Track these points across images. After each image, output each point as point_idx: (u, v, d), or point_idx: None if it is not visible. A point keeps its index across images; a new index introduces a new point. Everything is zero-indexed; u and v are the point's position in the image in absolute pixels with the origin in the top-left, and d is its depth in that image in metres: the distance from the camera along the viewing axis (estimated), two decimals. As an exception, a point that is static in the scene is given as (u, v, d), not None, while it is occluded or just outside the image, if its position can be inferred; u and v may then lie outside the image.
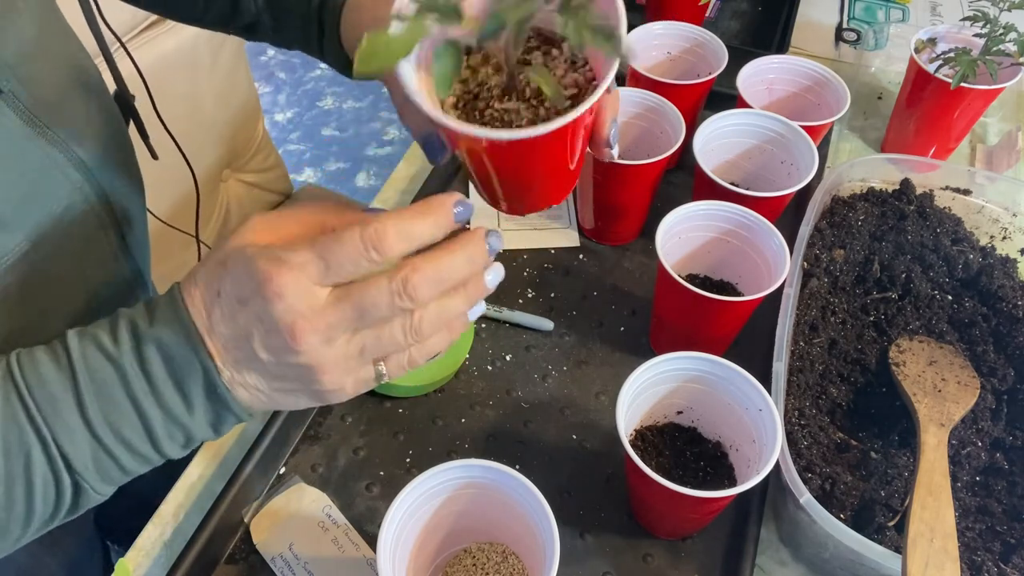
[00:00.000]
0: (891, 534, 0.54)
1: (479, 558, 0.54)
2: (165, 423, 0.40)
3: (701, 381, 0.58)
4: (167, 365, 0.39)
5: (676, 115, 0.73)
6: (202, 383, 0.39)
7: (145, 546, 0.59)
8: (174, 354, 0.39)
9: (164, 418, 0.39)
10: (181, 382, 0.39)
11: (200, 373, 0.39)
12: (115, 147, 0.57)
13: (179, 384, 0.39)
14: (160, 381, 0.39)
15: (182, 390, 0.39)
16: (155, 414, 0.39)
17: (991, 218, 0.74)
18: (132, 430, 0.39)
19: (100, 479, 0.40)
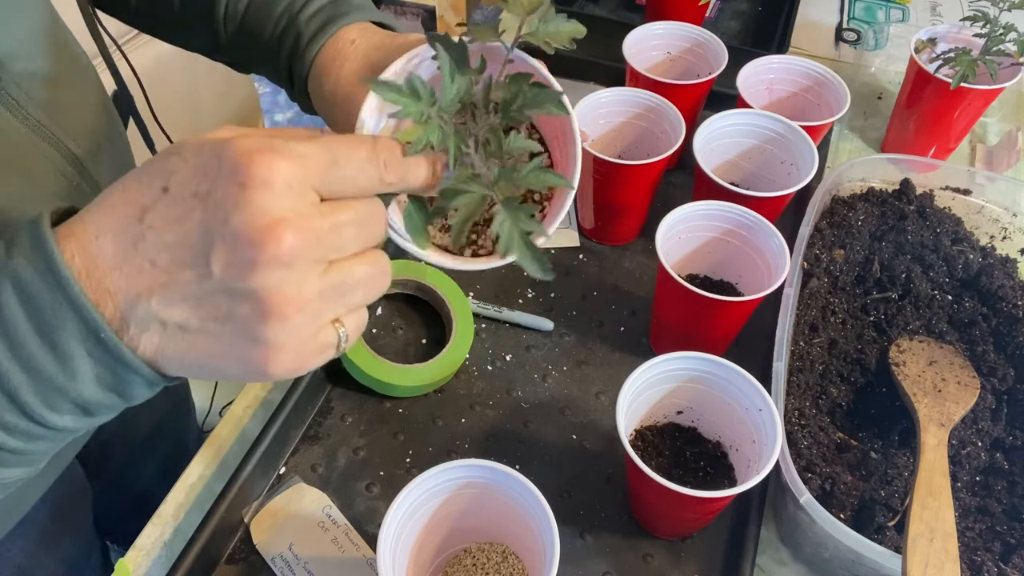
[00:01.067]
0: (891, 534, 0.54)
1: (479, 558, 0.54)
2: (34, 387, 0.31)
3: (701, 381, 0.58)
4: (26, 307, 0.30)
5: (676, 115, 0.73)
6: (77, 330, 0.30)
7: (145, 546, 0.59)
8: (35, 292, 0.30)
9: (30, 380, 0.31)
10: (49, 331, 0.30)
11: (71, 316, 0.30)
12: (111, 145, 0.57)
13: (46, 334, 0.30)
14: (19, 330, 0.30)
15: (51, 341, 0.30)
16: (16, 375, 0.30)
17: (991, 218, 0.74)
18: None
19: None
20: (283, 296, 0.30)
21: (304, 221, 0.29)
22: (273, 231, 0.28)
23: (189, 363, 0.32)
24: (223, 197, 0.29)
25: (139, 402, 0.34)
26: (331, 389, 0.68)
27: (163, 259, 0.30)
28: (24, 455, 0.33)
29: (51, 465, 0.64)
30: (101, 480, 0.79)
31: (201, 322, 0.30)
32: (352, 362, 0.64)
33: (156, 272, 0.30)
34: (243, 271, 0.29)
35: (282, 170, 0.29)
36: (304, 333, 0.31)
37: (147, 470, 0.88)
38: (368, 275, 0.33)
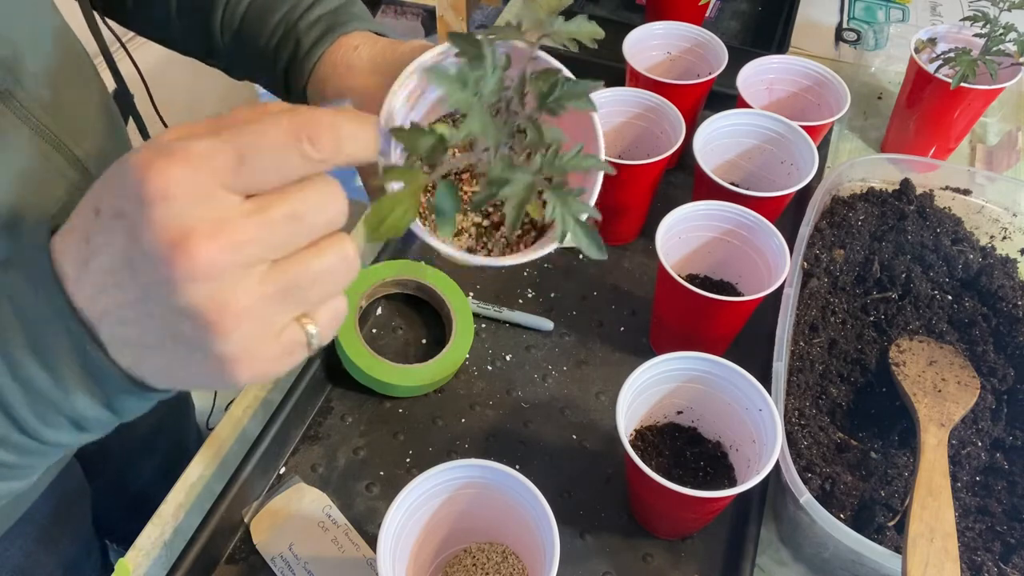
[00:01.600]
0: (891, 534, 0.54)
1: (479, 558, 0.54)
2: (29, 401, 0.30)
3: (701, 381, 0.58)
4: (20, 321, 0.30)
5: (676, 115, 0.73)
6: (67, 346, 0.30)
7: (145, 546, 0.59)
8: (27, 306, 0.29)
9: (25, 394, 0.30)
10: (42, 347, 0.30)
11: (63, 331, 0.30)
12: (113, 146, 0.57)
13: (39, 349, 0.30)
14: (12, 345, 0.30)
15: (43, 357, 0.30)
16: (13, 391, 0.30)
17: (991, 218, 0.74)
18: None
19: None
20: (217, 309, 0.27)
21: (220, 227, 0.27)
22: (182, 245, 0.26)
23: (160, 377, 0.31)
24: (131, 216, 0.27)
25: (134, 416, 0.33)
26: (331, 389, 0.68)
27: (107, 282, 0.29)
28: (17, 469, 0.33)
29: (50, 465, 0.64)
30: (101, 480, 0.79)
31: (157, 340, 0.29)
32: (352, 362, 0.64)
33: (104, 295, 0.29)
34: (165, 291, 0.27)
35: (179, 178, 0.26)
36: (258, 340, 0.29)
37: (146, 470, 0.88)
38: (325, 267, 0.29)
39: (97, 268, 0.29)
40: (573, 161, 0.35)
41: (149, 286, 0.27)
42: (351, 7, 0.54)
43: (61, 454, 0.35)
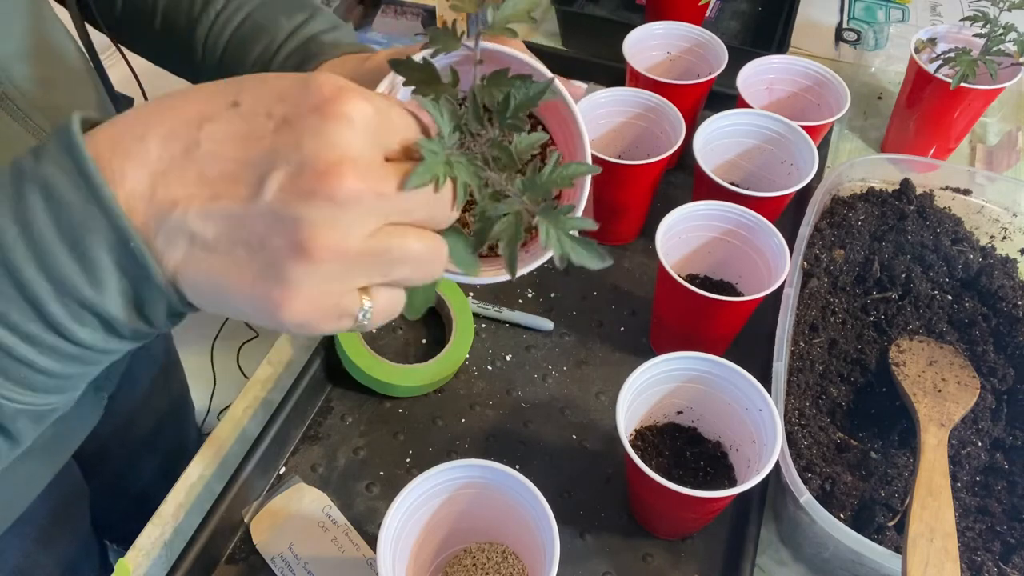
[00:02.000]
0: (891, 534, 0.54)
1: (479, 558, 0.54)
2: (60, 300, 0.29)
3: (701, 381, 0.58)
4: (54, 213, 0.28)
5: (676, 115, 0.73)
6: (106, 239, 0.28)
7: (145, 546, 0.59)
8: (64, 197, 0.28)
9: (57, 293, 0.29)
10: (77, 239, 0.28)
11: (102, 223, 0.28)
12: None
13: (74, 241, 0.28)
14: (45, 238, 0.28)
15: (79, 249, 0.28)
16: (41, 286, 0.29)
17: (991, 218, 0.74)
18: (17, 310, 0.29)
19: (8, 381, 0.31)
20: (323, 237, 0.28)
21: (372, 171, 0.28)
22: (340, 167, 0.28)
23: (205, 288, 0.30)
24: (301, 123, 0.28)
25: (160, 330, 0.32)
26: (331, 389, 0.68)
27: (214, 170, 0.28)
28: (56, 378, 0.32)
29: (48, 464, 0.64)
30: (99, 480, 0.79)
31: (231, 244, 0.29)
32: (352, 362, 0.64)
33: (202, 182, 0.28)
34: (296, 198, 0.28)
35: (365, 112, 0.28)
36: (329, 286, 0.29)
37: (146, 470, 0.88)
38: (421, 252, 0.31)
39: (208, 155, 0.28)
40: (554, 177, 0.34)
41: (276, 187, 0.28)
42: (322, 36, 0.54)
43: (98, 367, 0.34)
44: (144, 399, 0.81)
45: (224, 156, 0.28)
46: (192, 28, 0.55)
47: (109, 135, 0.29)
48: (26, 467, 0.60)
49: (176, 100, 0.30)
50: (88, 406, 0.66)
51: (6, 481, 0.59)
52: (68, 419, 0.63)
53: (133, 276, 0.29)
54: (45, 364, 0.31)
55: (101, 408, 0.68)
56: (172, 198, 0.29)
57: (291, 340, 0.72)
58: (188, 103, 0.30)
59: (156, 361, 0.83)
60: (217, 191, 0.28)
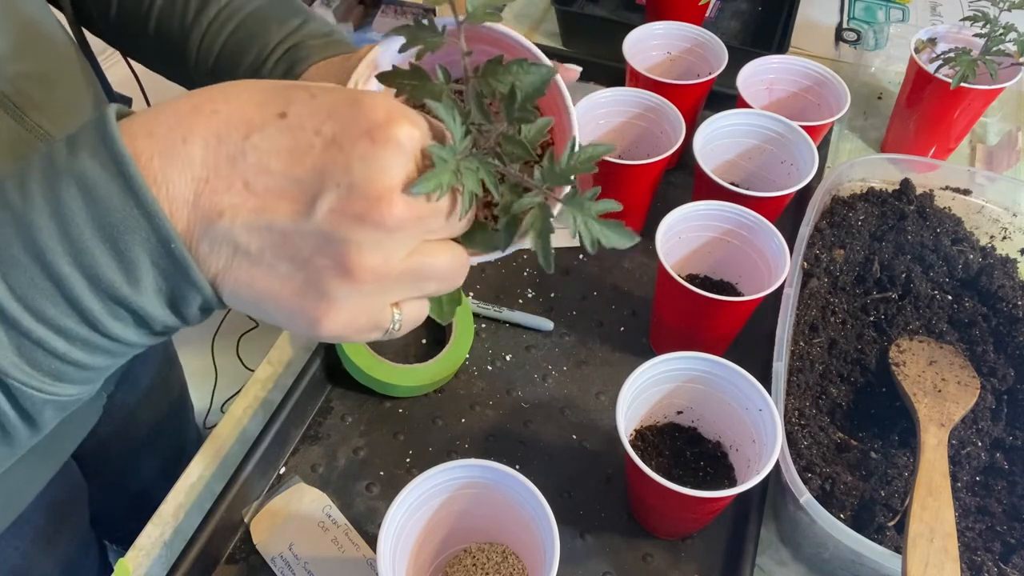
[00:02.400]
0: (891, 534, 0.54)
1: (479, 558, 0.54)
2: (97, 296, 0.29)
3: (701, 381, 0.58)
4: (92, 210, 0.28)
5: (676, 115, 0.73)
6: (146, 239, 0.28)
7: (145, 546, 0.59)
8: (103, 196, 0.28)
9: (93, 290, 0.29)
10: (115, 236, 0.28)
11: (142, 223, 0.28)
12: None
13: (111, 239, 0.28)
14: (82, 235, 0.28)
15: (116, 247, 0.28)
16: (77, 282, 0.28)
17: (991, 218, 0.74)
18: (52, 304, 0.29)
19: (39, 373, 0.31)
20: (369, 260, 0.29)
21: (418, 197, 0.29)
22: (391, 195, 0.28)
23: (244, 296, 0.31)
24: (350, 146, 0.28)
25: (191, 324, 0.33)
26: (331, 389, 0.68)
27: (261, 183, 0.29)
28: (85, 369, 0.32)
29: (47, 464, 0.64)
30: (99, 480, 0.79)
31: (275, 258, 0.29)
32: (352, 362, 0.64)
33: (248, 194, 0.29)
34: (346, 222, 0.28)
35: (414, 139, 0.29)
36: (368, 303, 0.31)
37: (145, 470, 0.88)
38: (448, 266, 0.32)
39: (254, 166, 0.28)
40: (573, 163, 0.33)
41: (328, 208, 0.28)
42: (312, 41, 0.54)
43: (127, 357, 0.34)
44: (143, 398, 0.81)
45: (271, 169, 0.29)
46: (186, 35, 0.55)
47: (147, 131, 0.29)
48: (25, 467, 0.60)
49: (219, 103, 0.29)
50: (87, 406, 0.66)
51: (5, 481, 0.59)
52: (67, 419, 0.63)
53: (170, 275, 0.29)
54: (77, 357, 0.31)
55: (100, 408, 0.68)
56: (218, 207, 0.29)
57: (291, 340, 0.72)
58: (233, 108, 0.29)
59: (155, 361, 0.83)
60: (264, 205, 0.29)
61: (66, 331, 0.30)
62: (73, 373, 0.32)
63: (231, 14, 0.54)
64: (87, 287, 0.29)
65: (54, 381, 0.31)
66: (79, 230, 0.28)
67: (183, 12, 0.55)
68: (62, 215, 0.28)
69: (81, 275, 0.28)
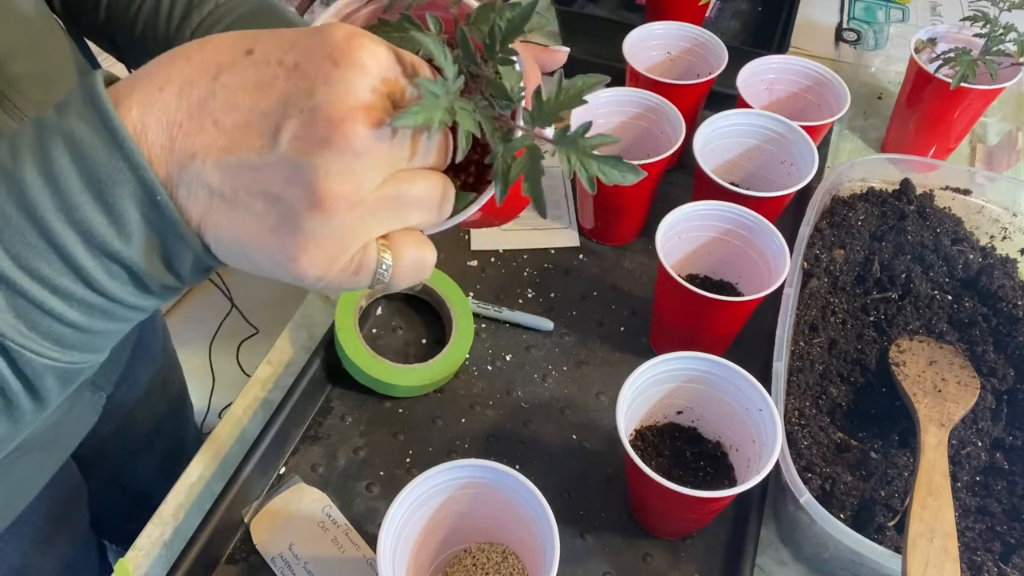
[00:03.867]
0: (891, 534, 0.54)
1: (479, 558, 0.54)
2: (90, 252, 0.29)
3: (701, 381, 0.58)
4: (80, 166, 0.28)
5: (676, 115, 0.73)
6: (133, 192, 0.28)
7: (145, 546, 0.59)
8: (89, 151, 0.28)
9: (86, 245, 0.29)
10: (104, 191, 0.28)
11: (129, 176, 0.28)
12: None
13: (101, 194, 0.28)
14: (72, 190, 0.28)
15: (106, 202, 0.28)
16: (70, 238, 0.29)
17: (991, 218, 0.74)
18: (47, 263, 0.29)
19: (38, 336, 0.30)
20: (340, 187, 0.28)
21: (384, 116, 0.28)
22: (355, 115, 0.28)
23: (226, 241, 0.30)
24: (313, 71, 0.28)
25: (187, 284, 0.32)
26: (331, 389, 0.68)
27: (229, 120, 0.28)
28: (84, 332, 0.31)
29: (47, 464, 0.64)
30: (98, 480, 0.79)
31: (249, 196, 0.29)
32: (352, 362, 0.64)
33: (218, 133, 0.28)
34: (311, 147, 0.28)
35: (380, 58, 0.28)
36: (347, 236, 0.30)
37: (145, 470, 0.88)
38: (428, 194, 0.31)
39: (223, 104, 0.28)
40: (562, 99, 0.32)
41: (291, 136, 0.28)
42: None
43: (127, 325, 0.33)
44: (143, 398, 0.81)
45: (238, 105, 0.28)
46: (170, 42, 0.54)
47: (130, 86, 0.29)
48: (25, 467, 0.60)
49: (192, 50, 0.30)
50: (87, 405, 0.66)
51: (5, 481, 0.59)
52: (67, 418, 0.63)
53: (160, 229, 0.29)
54: (74, 317, 0.30)
55: (100, 407, 0.68)
56: (190, 149, 0.29)
57: (291, 340, 0.72)
58: (204, 52, 0.29)
59: (154, 360, 0.83)
60: (233, 142, 0.28)
61: (62, 290, 0.29)
62: (72, 337, 0.31)
63: (214, 22, 0.54)
64: (80, 243, 0.29)
65: (53, 345, 0.31)
66: (69, 185, 0.28)
67: (168, 18, 0.54)
68: (51, 172, 0.28)
69: (73, 231, 0.28)
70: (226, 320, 1.71)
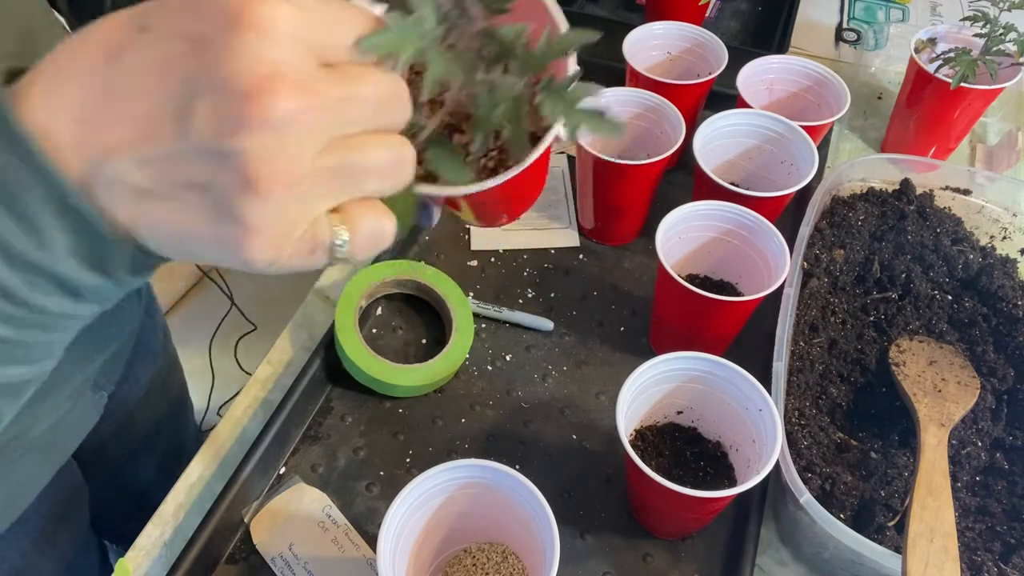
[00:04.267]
0: (891, 534, 0.54)
1: (479, 558, 0.54)
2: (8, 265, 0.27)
3: (701, 381, 0.58)
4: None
5: (676, 115, 0.73)
6: (43, 195, 0.26)
7: (145, 546, 0.59)
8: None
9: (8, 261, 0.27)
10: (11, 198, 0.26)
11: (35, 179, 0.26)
12: None
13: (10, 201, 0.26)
14: None
15: (15, 209, 0.26)
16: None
17: (991, 218, 0.74)
18: None
19: None
20: (269, 166, 0.25)
21: (306, 82, 0.25)
22: (269, 84, 0.24)
23: (164, 237, 0.28)
24: (215, 41, 0.24)
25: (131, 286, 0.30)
26: (331, 389, 0.68)
27: (137, 109, 0.25)
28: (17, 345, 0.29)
29: (47, 464, 0.64)
30: (99, 480, 0.79)
31: (173, 189, 0.26)
32: (352, 362, 0.64)
33: (127, 124, 0.25)
34: (228, 129, 0.24)
35: (284, 17, 0.24)
36: (290, 217, 0.26)
37: (145, 470, 0.88)
38: (382, 160, 0.28)
39: (127, 91, 0.25)
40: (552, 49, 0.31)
41: (203, 120, 0.25)
42: None
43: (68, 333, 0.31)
44: (143, 398, 0.81)
45: (143, 89, 0.25)
46: None
47: (31, 80, 0.26)
48: (25, 467, 0.60)
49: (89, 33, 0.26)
50: (88, 405, 0.66)
51: (5, 481, 0.59)
52: (68, 419, 0.63)
53: (80, 233, 0.27)
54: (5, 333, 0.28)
55: (101, 407, 0.68)
56: (102, 145, 0.26)
57: (291, 340, 0.72)
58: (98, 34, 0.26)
59: (155, 360, 0.83)
60: (143, 132, 0.25)
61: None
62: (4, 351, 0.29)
63: None
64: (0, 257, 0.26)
65: None
66: None
67: None
68: None
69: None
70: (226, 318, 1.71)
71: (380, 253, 0.75)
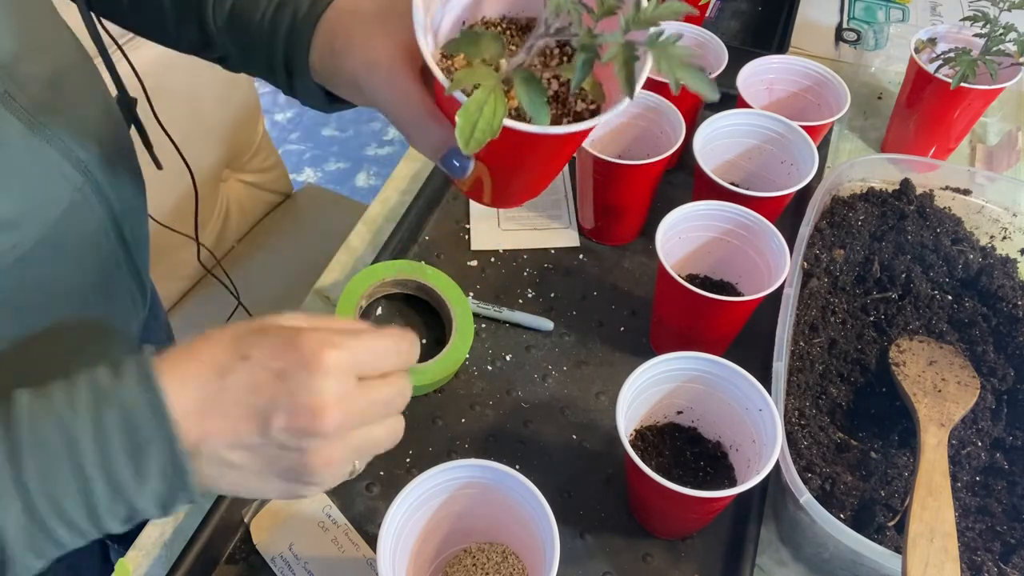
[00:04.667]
0: (891, 534, 0.54)
1: (479, 558, 0.54)
2: (111, 497, 0.36)
3: (701, 381, 0.58)
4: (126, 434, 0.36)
5: (676, 115, 0.73)
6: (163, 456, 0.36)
7: (145, 546, 0.59)
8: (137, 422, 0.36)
9: (111, 493, 0.36)
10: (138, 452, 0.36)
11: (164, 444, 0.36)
12: (115, 148, 0.56)
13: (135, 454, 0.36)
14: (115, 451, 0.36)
15: (136, 461, 0.36)
16: (101, 488, 0.36)
17: (991, 218, 0.74)
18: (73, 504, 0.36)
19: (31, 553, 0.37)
20: (322, 456, 0.38)
21: (346, 402, 0.38)
22: (325, 410, 0.37)
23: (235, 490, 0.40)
24: (294, 378, 0.37)
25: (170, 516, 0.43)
26: (331, 389, 0.68)
27: (234, 413, 0.37)
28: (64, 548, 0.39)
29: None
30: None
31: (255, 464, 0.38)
32: (352, 362, 0.64)
33: (226, 421, 0.37)
34: (296, 435, 0.37)
35: (341, 363, 0.38)
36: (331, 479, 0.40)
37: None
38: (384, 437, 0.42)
39: (229, 400, 0.37)
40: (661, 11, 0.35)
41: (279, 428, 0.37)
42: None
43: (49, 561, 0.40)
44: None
45: (239, 401, 0.37)
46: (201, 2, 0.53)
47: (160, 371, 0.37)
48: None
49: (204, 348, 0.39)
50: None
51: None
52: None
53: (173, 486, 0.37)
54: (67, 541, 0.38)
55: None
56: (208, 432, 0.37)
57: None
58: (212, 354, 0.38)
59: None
60: (236, 427, 0.37)
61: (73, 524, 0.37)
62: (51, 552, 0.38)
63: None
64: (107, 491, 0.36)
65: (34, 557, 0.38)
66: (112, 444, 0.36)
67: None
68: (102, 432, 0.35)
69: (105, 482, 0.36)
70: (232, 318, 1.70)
71: (380, 253, 0.75)
